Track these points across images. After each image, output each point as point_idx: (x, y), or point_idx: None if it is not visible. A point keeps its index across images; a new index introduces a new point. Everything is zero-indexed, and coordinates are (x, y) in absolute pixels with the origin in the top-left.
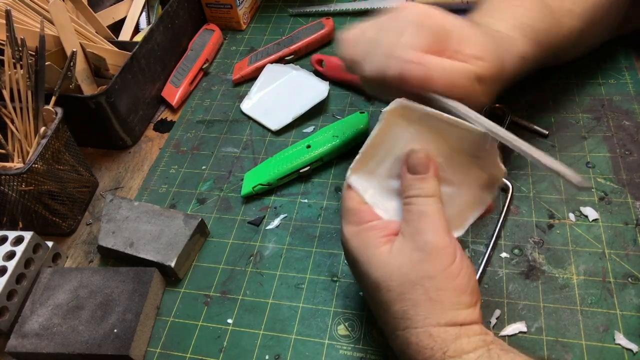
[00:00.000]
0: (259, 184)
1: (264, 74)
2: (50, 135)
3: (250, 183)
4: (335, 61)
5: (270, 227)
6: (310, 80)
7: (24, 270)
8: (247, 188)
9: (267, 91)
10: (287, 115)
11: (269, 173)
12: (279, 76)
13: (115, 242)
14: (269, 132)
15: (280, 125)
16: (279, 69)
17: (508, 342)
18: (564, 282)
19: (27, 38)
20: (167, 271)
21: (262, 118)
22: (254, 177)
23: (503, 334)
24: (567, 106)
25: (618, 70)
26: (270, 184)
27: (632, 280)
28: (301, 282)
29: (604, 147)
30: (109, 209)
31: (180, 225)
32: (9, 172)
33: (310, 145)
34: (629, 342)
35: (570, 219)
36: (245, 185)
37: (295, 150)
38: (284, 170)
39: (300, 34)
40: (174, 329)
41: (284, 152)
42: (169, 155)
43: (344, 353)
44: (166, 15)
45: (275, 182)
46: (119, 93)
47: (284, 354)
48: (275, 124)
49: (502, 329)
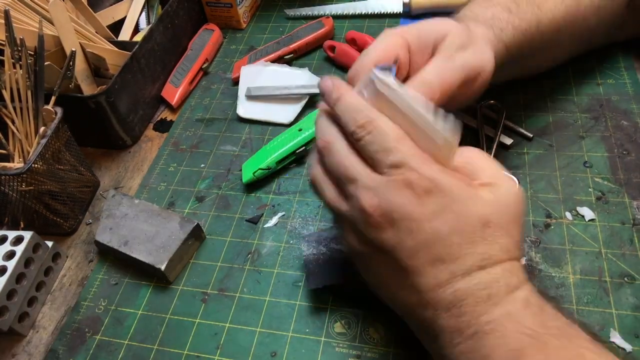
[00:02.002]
0: (259, 169)
1: (243, 77)
2: (50, 135)
3: (250, 170)
4: (346, 48)
5: (268, 225)
6: (294, 72)
7: (24, 270)
8: (247, 175)
9: (256, 89)
10: (293, 106)
11: (266, 158)
12: (258, 74)
13: (111, 238)
14: (267, 130)
15: (292, 117)
16: (253, 69)
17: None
18: (560, 281)
19: (26, 38)
20: (157, 274)
21: (269, 116)
22: (252, 164)
23: None
24: (565, 106)
25: (617, 70)
26: (269, 167)
27: (628, 279)
28: (298, 280)
29: (602, 146)
30: (110, 204)
31: (175, 228)
32: (9, 172)
33: (302, 128)
34: (623, 342)
35: (567, 218)
36: (245, 173)
37: (287, 135)
38: (280, 154)
39: (300, 32)
40: (171, 326)
41: (277, 139)
42: (168, 153)
43: (340, 351)
44: (166, 15)
45: (275, 165)
46: (119, 93)
47: (280, 351)
48: (286, 117)
49: None
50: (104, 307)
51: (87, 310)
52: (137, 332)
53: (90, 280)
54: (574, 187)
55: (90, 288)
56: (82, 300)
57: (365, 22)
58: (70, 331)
